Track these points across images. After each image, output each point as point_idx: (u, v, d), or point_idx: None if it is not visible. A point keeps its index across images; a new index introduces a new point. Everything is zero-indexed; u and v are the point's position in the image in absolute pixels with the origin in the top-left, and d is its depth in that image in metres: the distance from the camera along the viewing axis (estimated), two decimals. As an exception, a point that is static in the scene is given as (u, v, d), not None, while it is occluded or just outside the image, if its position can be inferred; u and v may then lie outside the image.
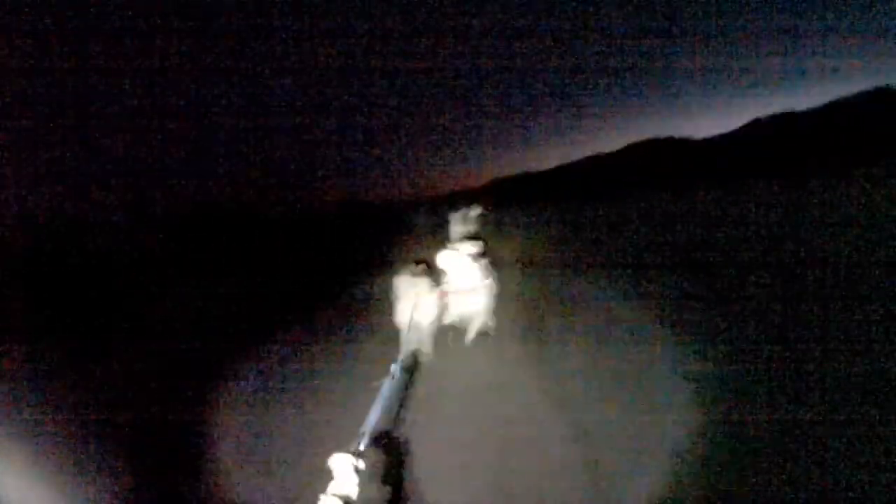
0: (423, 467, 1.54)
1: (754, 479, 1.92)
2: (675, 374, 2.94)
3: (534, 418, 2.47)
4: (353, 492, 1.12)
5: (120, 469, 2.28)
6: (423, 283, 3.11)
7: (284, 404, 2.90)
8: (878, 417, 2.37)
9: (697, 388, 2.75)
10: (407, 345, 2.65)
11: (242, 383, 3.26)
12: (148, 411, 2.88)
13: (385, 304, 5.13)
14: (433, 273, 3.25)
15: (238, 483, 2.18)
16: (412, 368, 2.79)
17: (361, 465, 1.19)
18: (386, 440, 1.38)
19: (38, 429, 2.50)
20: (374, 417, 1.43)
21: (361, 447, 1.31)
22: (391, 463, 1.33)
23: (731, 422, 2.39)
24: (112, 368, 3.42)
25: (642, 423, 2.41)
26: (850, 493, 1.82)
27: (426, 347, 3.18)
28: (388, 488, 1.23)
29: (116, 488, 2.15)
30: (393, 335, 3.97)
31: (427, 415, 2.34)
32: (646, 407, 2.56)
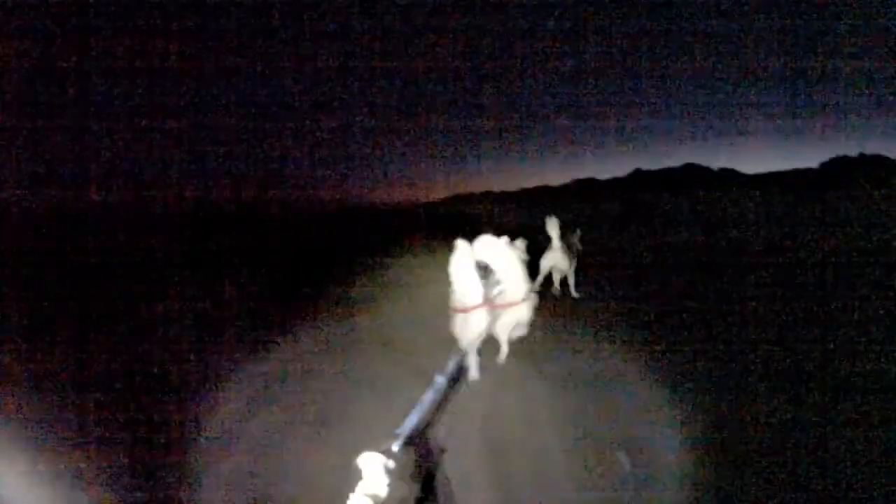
0: (457, 470, 1.51)
1: (754, 479, 1.93)
2: (674, 375, 2.94)
3: (538, 421, 2.47)
4: (382, 491, 1.10)
5: (119, 469, 2.28)
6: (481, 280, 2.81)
7: (285, 404, 2.90)
8: (878, 417, 2.37)
9: (697, 388, 2.76)
10: (456, 354, 2.55)
11: (244, 383, 3.26)
12: (147, 411, 2.88)
13: (384, 304, 5.18)
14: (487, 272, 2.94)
15: (238, 483, 2.18)
16: (456, 378, 2.71)
17: (391, 464, 1.18)
18: (419, 441, 1.35)
19: (38, 429, 2.50)
20: (412, 422, 1.39)
21: (394, 448, 1.28)
22: (423, 464, 1.31)
23: (732, 422, 2.39)
24: (112, 368, 3.42)
25: (642, 424, 2.41)
26: (851, 494, 1.83)
27: (471, 359, 3.00)
28: (419, 488, 1.21)
29: (116, 488, 2.15)
30: (394, 336, 3.98)
31: (463, 422, 2.34)
32: (645, 408, 2.56)
